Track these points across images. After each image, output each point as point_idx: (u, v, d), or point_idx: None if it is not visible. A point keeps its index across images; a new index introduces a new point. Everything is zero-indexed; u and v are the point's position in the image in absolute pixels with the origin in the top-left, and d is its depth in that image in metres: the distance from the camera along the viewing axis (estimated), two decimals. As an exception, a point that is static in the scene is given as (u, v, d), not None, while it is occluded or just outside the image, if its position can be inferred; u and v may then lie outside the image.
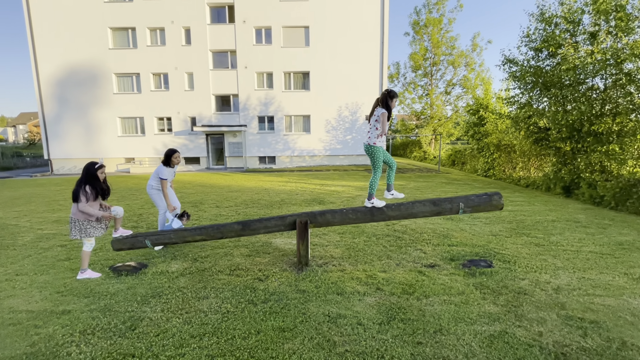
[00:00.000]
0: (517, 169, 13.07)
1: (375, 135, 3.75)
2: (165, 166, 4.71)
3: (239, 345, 2.42)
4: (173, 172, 4.86)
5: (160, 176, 4.66)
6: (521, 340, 2.45)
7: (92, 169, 3.59)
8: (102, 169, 3.69)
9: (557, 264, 4.00)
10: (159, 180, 4.69)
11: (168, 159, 4.70)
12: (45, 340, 2.52)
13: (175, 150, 4.77)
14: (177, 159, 4.78)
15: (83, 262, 3.70)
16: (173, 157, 4.72)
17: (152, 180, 4.76)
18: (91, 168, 3.59)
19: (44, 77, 19.58)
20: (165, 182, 4.68)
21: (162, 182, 4.68)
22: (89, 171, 3.58)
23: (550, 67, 9.59)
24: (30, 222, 6.59)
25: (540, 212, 6.93)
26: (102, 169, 3.69)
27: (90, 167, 3.59)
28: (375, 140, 3.79)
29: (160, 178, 4.67)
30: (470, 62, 25.93)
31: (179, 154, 4.84)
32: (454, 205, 3.69)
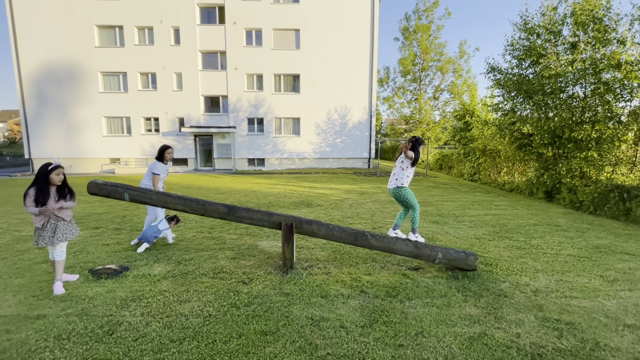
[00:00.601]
0: (502, 173, 13.36)
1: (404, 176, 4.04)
2: (159, 161, 4.77)
3: (220, 350, 2.39)
4: (166, 170, 4.88)
5: (153, 171, 4.70)
6: (500, 341, 2.49)
7: (44, 170, 3.26)
8: (58, 170, 3.33)
9: (537, 266, 4.10)
10: (152, 176, 4.69)
11: (161, 154, 4.75)
12: (17, 346, 2.44)
13: (168, 146, 4.81)
14: (170, 154, 4.81)
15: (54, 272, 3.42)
16: (166, 152, 4.77)
17: (146, 179, 4.77)
18: (43, 169, 3.27)
19: (26, 75, 19.02)
20: (157, 178, 4.71)
21: (154, 177, 4.70)
22: (39, 173, 3.27)
23: (533, 75, 9.88)
24: (7, 224, 6.37)
25: (523, 216, 7.10)
26: (58, 170, 3.33)
27: (43, 169, 3.27)
28: (403, 181, 4.04)
29: (152, 173, 4.70)
30: (458, 68, 26.45)
31: (172, 150, 4.86)
32: (433, 254, 3.83)
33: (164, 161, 4.80)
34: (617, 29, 8.10)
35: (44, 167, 3.29)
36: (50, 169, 3.29)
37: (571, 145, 8.88)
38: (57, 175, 3.33)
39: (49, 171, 3.28)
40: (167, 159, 4.81)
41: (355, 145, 20.74)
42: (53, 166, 3.32)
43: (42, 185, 3.26)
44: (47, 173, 3.27)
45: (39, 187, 3.26)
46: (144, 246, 4.59)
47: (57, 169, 3.33)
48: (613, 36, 8.10)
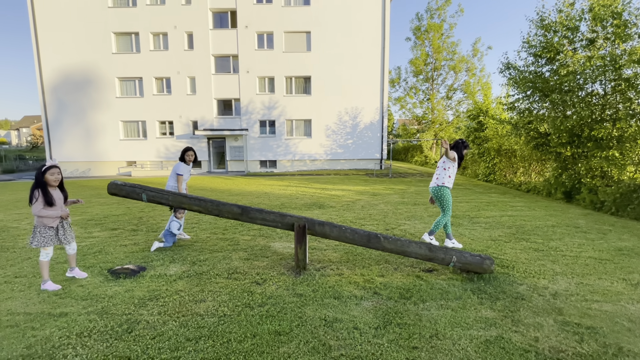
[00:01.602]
0: (518, 174, 13.06)
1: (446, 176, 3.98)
2: (182, 161, 5.02)
3: (235, 349, 2.42)
4: (189, 171, 5.11)
5: (177, 172, 4.96)
6: (517, 345, 2.44)
7: (38, 172, 3.22)
8: (53, 170, 3.24)
9: (556, 269, 3.99)
10: (176, 177, 4.94)
11: (182, 155, 5.00)
12: (41, 343, 2.53)
13: (188, 149, 5.03)
14: (189, 156, 5.03)
15: (42, 273, 3.46)
16: (186, 154, 5.00)
17: (171, 180, 5.05)
18: (37, 171, 3.24)
19: (47, 81, 19.80)
20: (181, 178, 4.97)
21: (178, 178, 4.95)
22: (35, 175, 3.25)
23: (550, 72, 9.64)
24: (30, 225, 6.62)
25: (540, 217, 6.92)
26: (52, 169, 3.24)
27: (37, 171, 3.25)
28: (444, 180, 3.97)
29: (176, 174, 4.95)
30: (471, 67, 26.07)
31: (193, 152, 5.07)
32: (447, 257, 3.75)
33: (186, 162, 5.03)
34: (637, 24, 7.82)
35: (39, 169, 3.26)
36: (43, 170, 3.22)
37: (591, 144, 8.60)
38: (52, 175, 3.26)
39: (43, 172, 3.22)
40: (187, 161, 5.03)
41: (366, 146, 20.67)
42: (47, 166, 3.24)
43: (42, 188, 3.23)
44: (40, 174, 3.21)
45: (40, 189, 3.23)
46: (156, 244, 4.77)
47: (50, 168, 3.25)
48: (634, 31, 7.82)
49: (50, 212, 3.31)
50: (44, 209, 3.28)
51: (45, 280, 3.49)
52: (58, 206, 3.36)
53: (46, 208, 3.29)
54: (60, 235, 3.47)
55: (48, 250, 3.45)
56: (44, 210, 3.26)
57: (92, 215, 7.43)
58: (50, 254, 3.48)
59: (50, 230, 3.40)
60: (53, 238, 3.43)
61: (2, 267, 4.22)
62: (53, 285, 3.50)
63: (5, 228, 6.38)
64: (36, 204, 3.24)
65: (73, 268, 3.78)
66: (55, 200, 3.33)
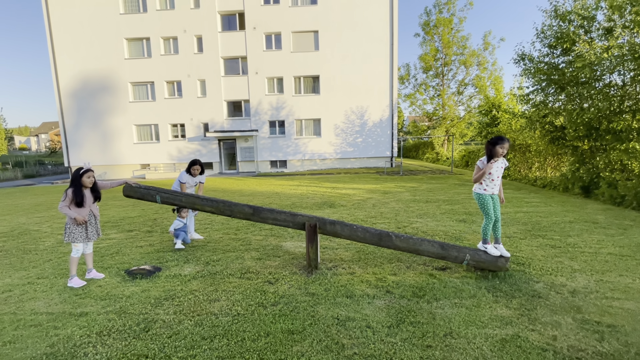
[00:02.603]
0: (533, 169, 12.75)
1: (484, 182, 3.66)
2: (188, 174, 5.11)
3: (249, 347, 2.45)
4: (194, 180, 5.21)
5: (180, 179, 5.07)
6: (534, 344, 2.39)
7: (77, 174, 3.63)
8: (89, 174, 3.67)
9: (574, 266, 3.89)
10: (179, 185, 5.08)
11: (189, 167, 5.10)
12: (63, 341, 2.62)
13: (195, 162, 5.11)
14: (195, 170, 5.11)
15: (70, 268, 3.71)
16: (192, 167, 5.09)
17: (175, 185, 5.09)
18: (75, 173, 3.64)
19: (64, 88, 20.40)
20: (184, 186, 5.08)
21: (181, 186, 5.06)
22: (73, 177, 3.64)
23: (565, 64, 9.37)
24: (51, 228, 6.85)
25: (557, 213, 6.74)
26: (89, 173, 3.66)
27: (75, 173, 3.65)
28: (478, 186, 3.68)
29: (179, 181, 5.06)
30: (483, 61, 25.57)
31: (199, 167, 5.14)
32: (461, 255, 3.69)
33: (191, 174, 5.12)
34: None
35: (77, 172, 3.65)
36: (81, 172, 3.63)
37: (610, 137, 8.32)
38: (88, 178, 3.66)
39: (81, 175, 3.63)
40: (192, 174, 5.13)
41: (376, 144, 20.54)
42: (84, 170, 3.65)
43: (76, 188, 3.60)
44: (79, 176, 3.62)
45: (74, 189, 3.59)
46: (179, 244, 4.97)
47: (87, 172, 3.65)
48: (655, 18, 7.51)
49: (70, 212, 3.59)
50: (71, 208, 3.60)
51: (72, 276, 3.68)
52: (87, 205, 3.69)
53: (72, 208, 3.60)
54: (89, 232, 3.73)
55: (78, 247, 3.68)
56: (66, 208, 3.58)
57: (108, 218, 7.63)
58: (80, 250, 3.70)
59: (79, 226, 3.65)
60: (82, 234, 3.67)
61: (25, 268, 4.38)
62: (79, 281, 3.69)
63: (27, 231, 6.62)
64: (63, 201, 3.59)
65: (90, 270, 3.92)
66: (86, 199, 3.67)
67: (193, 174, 5.13)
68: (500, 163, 3.66)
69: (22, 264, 4.55)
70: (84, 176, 3.64)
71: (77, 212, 3.62)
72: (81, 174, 3.63)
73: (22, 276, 4.09)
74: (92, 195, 3.76)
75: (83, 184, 3.65)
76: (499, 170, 3.64)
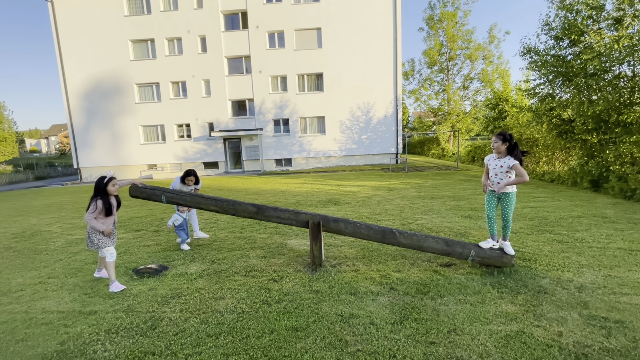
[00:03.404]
0: (541, 163, 12.58)
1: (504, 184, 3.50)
2: (182, 183, 5.05)
3: (253, 344, 2.48)
4: (188, 188, 5.09)
5: (173, 186, 5.00)
6: (539, 340, 2.37)
7: (101, 183, 3.54)
8: (113, 181, 3.60)
9: (582, 261, 3.84)
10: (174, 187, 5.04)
11: (183, 177, 5.03)
12: (73, 339, 2.68)
13: (189, 173, 5.02)
14: (189, 181, 5.03)
15: (109, 274, 3.64)
16: (186, 178, 5.01)
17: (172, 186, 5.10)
18: (100, 183, 3.54)
19: (71, 90, 20.68)
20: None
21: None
22: (98, 186, 3.54)
23: (573, 56, 9.20)
24: (61, 228, 6.98)
25: (565, 208, 6.65)
26: (113, 181, 3.60)
27: (99, 182, 3.55)
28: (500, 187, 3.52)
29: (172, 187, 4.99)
30: (488, 54, 25.21)
31: (193, 178, 5.04)
32: (465, 251, 3.67)
33: (185, 184, 5.04)
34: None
35: (100, 180, 3.56)
36: (106, 181, 3.56)
37: (619, 130, 8.17)
38: (113, 186, 3.60)
39: (105, 184, 3.55)
40: (187, 184, 5.04)
41: (381, 141, 20.45)
42: (108, 178, 3.58)
43: (104, 198, 3.53)
44: (104, 186, 3.54)
45: (103, 199, 3.51)
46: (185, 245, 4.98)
47: (111, 180, 3.60)
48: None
49: (97, 225, 3.52)
50: (97, 218, 3.53)
51: (113, 281, 3.60)
52: (114, 213, 3.67)
53: (99, 218, 3.55)
54: (112, 237, 3.70)
55: (111, 250, 3.61)
56: (93, 220, 3.50)
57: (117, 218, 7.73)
58: (114, 253, 3.62)
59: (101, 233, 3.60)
60: (108, 239, 3.64)
61: (36, 268, 4.48)
62: (119, 285, 3.61)
63: (38, 232, 6.76)
64: (91, 213, 3.48)
65: (101, 269, 3.96)
66: (113, 208, 3.64)
67: (187, 184, 5.05)
68: (495, 160, 3.60)
69: (34, 264, 4.66)
70: (109, 184, 3.57)
71: (104, 221, 3.59)
72: (106, 183, 3.56)
73: (34, 276, 4.18)
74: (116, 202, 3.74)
75: (109, 192, 3.60)
76: (495, 168, 3.58)
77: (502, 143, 3.51)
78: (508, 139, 3.49)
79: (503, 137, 3.50)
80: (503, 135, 3.50)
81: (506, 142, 3.50)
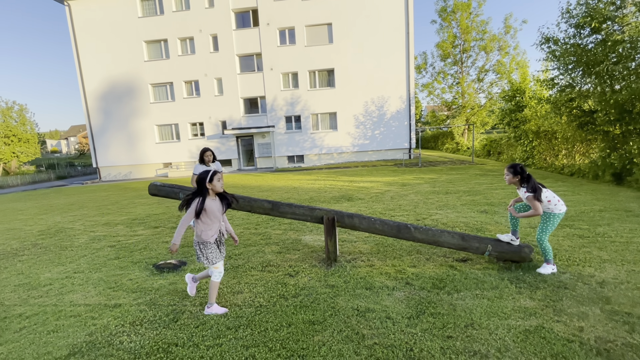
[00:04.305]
0: (560, 156, 12.21)
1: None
2: (201, 164, 4.98)
3: (272, 337, 2.54)
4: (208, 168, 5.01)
5: (194, 172, 4.92)
6: (559, 335, 2.34)
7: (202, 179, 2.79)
8: (219, 175, 2.84)
9: (603, 256, 3.74)
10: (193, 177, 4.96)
11: (200, 157, 4.99)
12: (101, 330, 2.81)
13: (205, 149, 4.94)
14: (207, 156, 4.94)
15: (210, 295, 2.96)
16: (204, 154, 4.95)
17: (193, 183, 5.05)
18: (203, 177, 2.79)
19: (89, 92, 21.29)
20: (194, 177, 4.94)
21: (192, 177, 4.84)
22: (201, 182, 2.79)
23: (594, 44, 8.86)
24: (84, 226, 7.25)
25: (586, 202, 6.46)
26: (218, 175, 2.84)
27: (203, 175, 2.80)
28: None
29: (193, 174, 4.93)
30: (504, 45, 24.52)
31: (210, 152, 4.97)
32: (482, 246, 3.61)
33: (205, 163, 4.97)
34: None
35: (204, 174, 2.81)
36: (211, 174, 2.80)
37: (644, 120, 7.84)
38: (219, 181, 2.84)
39: (210, 179, 2.80)
40: (206, 162, 4.96)
41: (394, 136, 20.26)
42: (212, 172, 2.82)
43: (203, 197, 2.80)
44: (208, 181, 2.80)
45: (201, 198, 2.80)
46: None
47: (216, 174, 2.84)
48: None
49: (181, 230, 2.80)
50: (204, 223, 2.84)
51: (211, 304, 2.96)
52: (215, 218, 2.86)
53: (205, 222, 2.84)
54: (221, 248, 3.01)
55: (219, 268, 2.97)
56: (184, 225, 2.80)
57: (135, 215, 7.98)
58: (222, 272, 3.00)
59: (211, 245, 2.91)
60: (217, 253, 2.94)
61: (62, 264, 4.68)
62: (218, 308, 2.97)
63: (62, 229, 7.04)
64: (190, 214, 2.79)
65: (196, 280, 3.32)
66: (213, 211, 2.83)
67: (206, 162, 4.95)
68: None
69: (60, 260, 4.87)
70: (214, 179, 2.80)
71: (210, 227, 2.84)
72: (211, 177, 2.79)
73: (61, 271, 4.37)
74: (223, 204, 2.92)
75: (213, 189, 2.83)
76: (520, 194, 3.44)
77: (513, 176, 3.35)
78: (519, 172, 3.31)
79: (513, 170, 3.34)
80: (513, 168, 3.34)
81: (517, 175, 3.32)
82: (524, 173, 3.32)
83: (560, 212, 3.28)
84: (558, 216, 3.29)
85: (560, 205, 3.29)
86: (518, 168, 3.33)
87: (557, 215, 3.29)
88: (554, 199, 3.30)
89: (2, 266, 4.77)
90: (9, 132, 30.82)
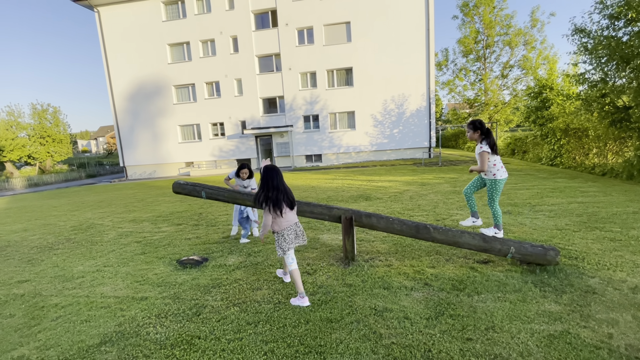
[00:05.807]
0: (591, 155, 11.63)
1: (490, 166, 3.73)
2: (237, 176, 5.18)
3: (290, 333, 2.59)
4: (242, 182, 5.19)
5: (229, 175, 5.24)
6: (586, 341, 2.25)
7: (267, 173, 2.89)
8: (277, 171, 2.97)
9: (637, 260, 3.55)
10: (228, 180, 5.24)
11: (238, 170, 5.15)
12: (129, 321, 2.96)
13: (243, 166, 5.12)
14: (243, 174, 5.15)
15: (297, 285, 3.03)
16: (241, 171, 5.13)
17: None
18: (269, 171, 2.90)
19: (117, 93, 22.24)
20: (230, 181, 5.25)
21: (229, 181, 5.23)
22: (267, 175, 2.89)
23: (630, 35, 8.37)
24: (112, 222, 7.61)
25: (619, 203, 6.13)
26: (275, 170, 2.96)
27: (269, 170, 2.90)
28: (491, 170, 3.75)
29: (228, 177, 5.23)
30: (530, 40, 23.53)
31: (247, 170, 5.14)
32: (504, 248, 3.52)
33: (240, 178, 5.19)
34: None
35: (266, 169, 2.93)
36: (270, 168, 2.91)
37: (685, 116, 7.35)
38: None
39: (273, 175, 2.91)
40: (241, 177, 5.18)
41: (414, 135, 19.94)
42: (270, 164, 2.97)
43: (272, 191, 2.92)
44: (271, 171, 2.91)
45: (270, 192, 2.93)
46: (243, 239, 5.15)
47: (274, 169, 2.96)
48: None
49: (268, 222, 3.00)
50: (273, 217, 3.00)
51: (302, 294, 3.02)
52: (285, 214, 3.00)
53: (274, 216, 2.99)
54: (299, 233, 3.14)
55: (291, 256, 3.07)
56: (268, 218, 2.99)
57: (159, 213, 8.29)
58: (295, 259, 3.09)
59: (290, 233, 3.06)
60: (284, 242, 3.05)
61: (93, 257, 4.95)
62: (303, 299, 3.02)
63: (93, 225, 7.42)
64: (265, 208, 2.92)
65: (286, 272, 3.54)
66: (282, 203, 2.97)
67: (242, 177, 5.20)
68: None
69: (91, 254, 5.14)
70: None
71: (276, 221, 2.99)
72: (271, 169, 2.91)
73: (92, 264, 4.62)
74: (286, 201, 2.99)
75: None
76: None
77: (473, 132, 3.72)
78: (479, 127, 3.68)
79: (473, 126, 3.71)
80: (473, 124, 3.71)
81: (477, 130, 3.69)
82: (484, 128, 3.68)
83: (503, 177, 3.70)
84: (502, 182, 3.71)
85: (502, 172, 3.69)
86: (477, 123, 3.71)
87: (501, 181, 3.70)
88: (499, 164, 3.70)
89: (40, 259, 5.09)
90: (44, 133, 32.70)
